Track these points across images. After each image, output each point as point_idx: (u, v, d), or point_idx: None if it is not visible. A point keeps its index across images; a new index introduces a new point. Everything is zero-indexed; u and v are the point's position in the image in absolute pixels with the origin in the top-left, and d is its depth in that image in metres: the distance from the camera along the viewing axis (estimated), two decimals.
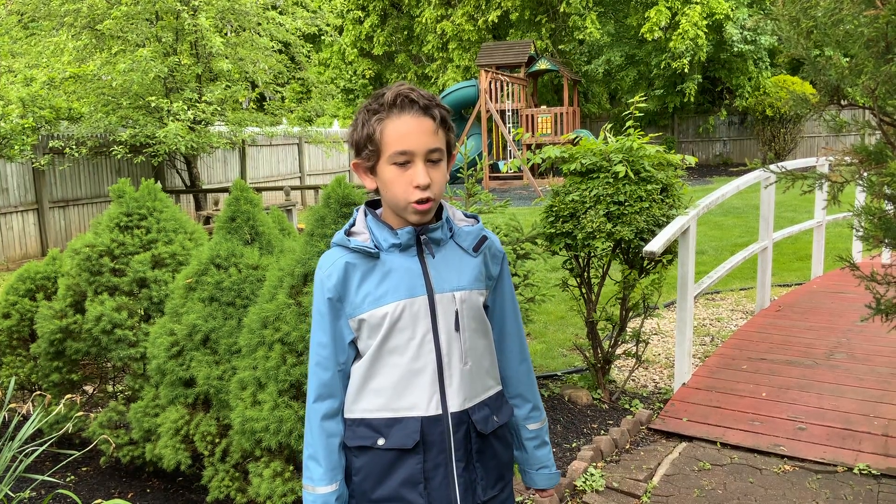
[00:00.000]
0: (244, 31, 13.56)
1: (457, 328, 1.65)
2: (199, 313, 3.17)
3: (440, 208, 1.70)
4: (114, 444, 3.52)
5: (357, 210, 1.72)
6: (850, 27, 2.02)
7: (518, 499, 3.28)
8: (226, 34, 13.70)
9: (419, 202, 1.57)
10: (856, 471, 3.57)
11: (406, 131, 1.55)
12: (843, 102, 2.28)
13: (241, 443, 2.83)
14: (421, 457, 1.63)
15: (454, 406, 1.64)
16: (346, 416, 1.71)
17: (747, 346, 5.37)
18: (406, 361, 1.63)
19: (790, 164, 5.64)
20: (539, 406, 1.88)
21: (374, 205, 1.72)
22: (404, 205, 1.58)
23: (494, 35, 25.38)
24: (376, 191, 1.66)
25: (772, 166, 2.60)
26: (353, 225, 1.69)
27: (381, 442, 1.64)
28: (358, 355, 1.69)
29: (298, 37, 14.23)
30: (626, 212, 4.22)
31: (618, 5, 24.60)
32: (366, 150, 1.60)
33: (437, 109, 1.57)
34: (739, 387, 4.61)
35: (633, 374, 5.17)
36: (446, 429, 1.64)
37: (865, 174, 2.19)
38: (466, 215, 1.75)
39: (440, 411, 1.64)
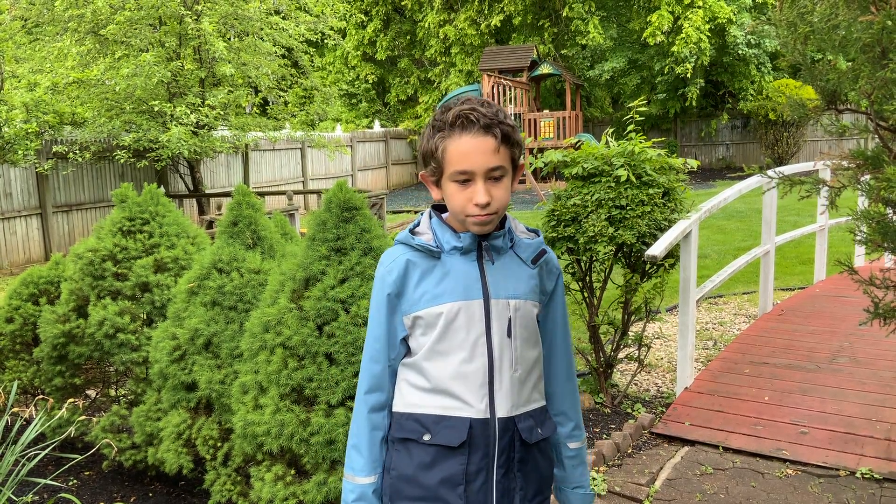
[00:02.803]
0: (247, 35, 13.59)
1: (509, 334, 1.67)
2: (202, 317, 3.18)
3: (504, 218, 1.73)
4: (116, 448, 3.53)
5: (421, 214, 1.76)
6: (845, 32, 2.02)
7: None
8: (229, 39, 13.74)
9: (478, 216, 1.60)
10: (858, 475, 3.56)
11: (466, 151, 1.58)
12: (840, 107, 2.28)
13: (243, 447, 2.84)
14: (465, 458, 1.64)
15: (502, 411, 1.66)
16: (396, 409, 1.73)
17: (750, 350, 5.36)
18: (458, 362, 1.65)
19: (788, 169, 5.65)
20: (581, 426, 1.89)
21: (439, 208, 1.76)
22: (463, 218, 1.63)
23: (497, 39, 25.40)
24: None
25: (769, 172, 2.60)
26: (418, 225, 1.74)
27: (426, 437, 1.66)
28: (408, 353, 1.72)
29: (301, 42, 14.26)
30: (628, 216, 4.22)
31: (620, 10, 24.62)
32: (430, 165, 1.65)
33: (500, 127, 1.58)
34: (742, 391, 4.60)
35: (636, 378, 5.17)
36: (493, 433, 1.65)
37: (864, 179, 2.19)
38: (528, 229, 1.79)
39: (488, 415, 1.66)
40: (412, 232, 1.73)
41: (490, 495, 1.66)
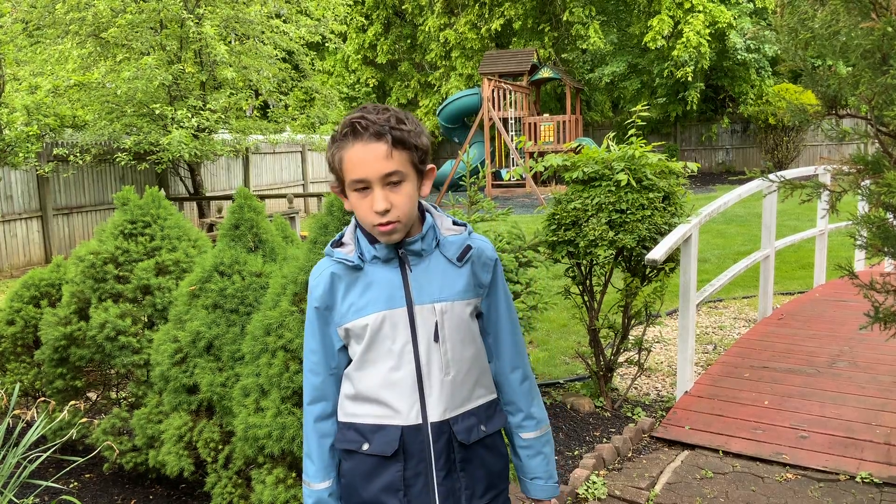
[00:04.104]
0: (248, 39, 13.62)
1: (436, 339, 1.67)
2: (203, 320, 3.19)
3: (423, 219, 1.71)
4: (117, 451, 3.54)
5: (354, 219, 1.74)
6: (846, 38, 2.03)
7: None
8: (230, 42, 13.76)
9: (381, 225, 1.59)
10: (858, 479, 3.57)
11: (358, 160, 1.57)
12: (840, 112, 2.29)
13: (244, 449, 2.84)
14: (401, 465, 1.66)
15: (434, 416, 1.66)
16: (339, 419, 1.76)
17: (749, 355, 5.37)
18: (386, 371, 1.66)
19: (789, 174, 5.66)
20: (533, 415, 1.85)
21: None
22: (370, 228, 1.62)
23: (497, 43, 25.44)
24: None
25: (770, 175, 2.61)
26: (343, 236, 1.73)
27: (365, 447, 1.69)
28: (350, 361, 1.74)
29: (302, 45, 14.28)
30: (628, 220, 4.23)
31: (620, 14, 24.67)
32: (335, 177, 1.65)
33: (391, 133, 1.56)
34: (742, 395, 4.61)
35: (636, 382, 5.18)
36: (426, 438, 1.66)
37: (864, 183, 2.20)
38: (456, 223, 1.75)
39: (420, 421, 1.66)
40: (336, 244, 1.72)
41: (432, 498, 1.67)
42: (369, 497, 1.69)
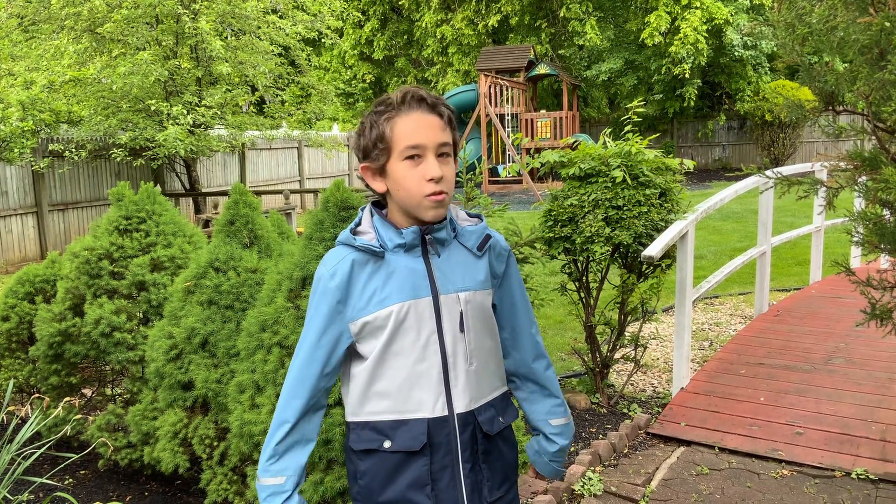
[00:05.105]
0: (244, 34, 13.58)
1: (461, 329, 1.64)
2: (198, 316, 3.18)
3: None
4: (112, 447, 3.53)
5: (362, 210, 1.71)
6: (843, 34, 2.02)
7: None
8: (226, 38, 13.72)
9: (433, 194, 1.56)
10: (853, 476, 3.57)
11: (416, 126, 1.57)
12: (837, 109, 2.29)
13: (239, 446, 2.84)
14: (428, 458, 1.62)
15: (460, 407, 1.64)
16: (350, 419, 1.70)
17: (746, 351, 5.37)
18: (411, 363, 1.62)
19: (786, 170, 5.66)
20: (563, 402, 1.88)
21: (379, 205, 1.70)
22: (418, 200, 1.57)
23: (494, 39, 25.42)
24: (382, 195, 1.65)
25: (767, 172, 2.61)
26: (359, 224, 1.68)
27: (387, 444, 1.63)
28: (359, 358, 1.67)
29: (298, 41, 14.25)
30: (625, 216, 4.23)
31: (617, 10, 24.65)
32: (375, 150, 1.60)
33: (444, 108, 1.60)
34: (738, 391, 4.61)
35: (632, 379, 5.18)
36: (452, 430, 1.63)
37: (861, 180, 2.20)
38: (470, 215, 1.74)
39: (446, 412, 1.63)
40: (353, 232, 1.66)
41: (460, 491, 1.65)
42: (393, 496, 1.63)
